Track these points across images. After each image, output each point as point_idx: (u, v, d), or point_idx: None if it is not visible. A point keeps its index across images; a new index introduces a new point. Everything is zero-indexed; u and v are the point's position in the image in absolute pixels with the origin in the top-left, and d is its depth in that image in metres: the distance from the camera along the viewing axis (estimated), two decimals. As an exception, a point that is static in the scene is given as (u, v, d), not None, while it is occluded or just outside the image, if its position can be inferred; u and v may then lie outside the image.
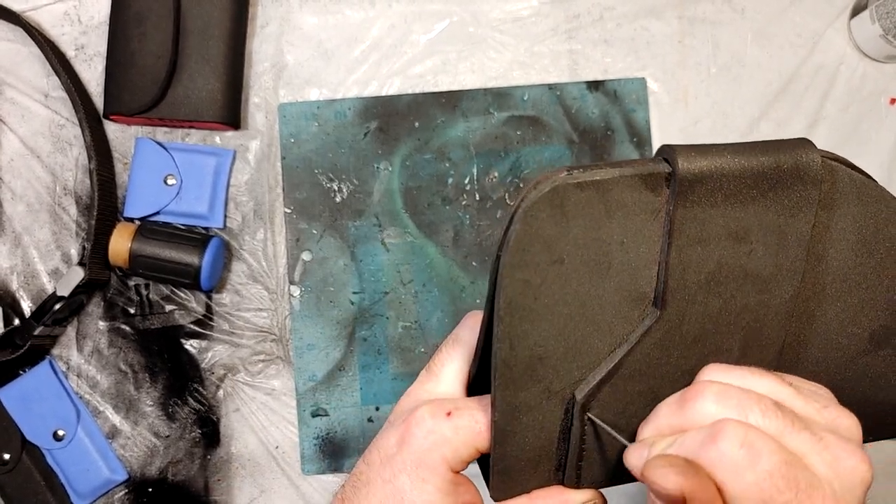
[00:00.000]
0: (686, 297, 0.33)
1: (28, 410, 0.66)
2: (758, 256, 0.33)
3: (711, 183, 0.31)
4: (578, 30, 0.70)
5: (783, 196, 0.32)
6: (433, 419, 0.37)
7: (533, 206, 0.31)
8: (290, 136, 0.69)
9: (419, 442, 0.36)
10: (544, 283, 0.32)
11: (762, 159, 0.32)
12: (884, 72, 0.70)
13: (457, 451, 0.36)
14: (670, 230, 0.32)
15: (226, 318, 0.68)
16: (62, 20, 0.69)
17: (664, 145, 0.32)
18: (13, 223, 0.68)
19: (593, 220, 0.32)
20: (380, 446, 0.38)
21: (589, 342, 0.34)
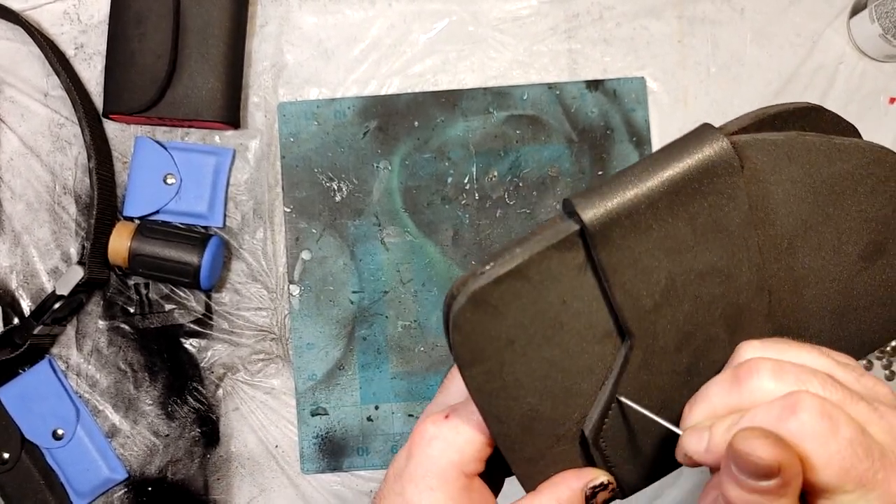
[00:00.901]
0: (650, 318, 0.33)
1: (27, 409, 0.66)
2: (705, 256, 0.32)
3: (626, 219, 0.31)
4: (578, 29, 0.70)
5: (706, 195, 0.31)
6: (434, 425, 0.37)
7: (459, 316, 0.31)
8: (290, 136, 0.69)
9: (424, 450, 0.36)
10: (505, 364, 0.33)
11: (668, 174, 0.30)
12: (883, 71, 0.70)
13: (462, 450, 0.36)
14: (605, 275, 0.32)
15: (225, 318, 0.68)
16: (62, 19, 0.69)
17: (565, 199, 0.31)
18: (13, 222, 0.68)
19: (525, 300, 0.32)
20: (394, 463, 0.38)
21: (575, 388, 0.34)
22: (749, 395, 0.31)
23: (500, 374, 0.33)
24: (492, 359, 0.32)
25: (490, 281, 0.31)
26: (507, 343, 0.32)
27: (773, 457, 0.28)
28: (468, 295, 0.31)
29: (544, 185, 0.69)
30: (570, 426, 0.35)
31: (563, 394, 0.34)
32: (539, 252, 0.31)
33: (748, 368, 0.32)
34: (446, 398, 0.39)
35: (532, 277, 0.31)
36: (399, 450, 0.39)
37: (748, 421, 0.30)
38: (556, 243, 0.31)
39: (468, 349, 0.32)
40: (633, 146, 0.69)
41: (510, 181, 0.69)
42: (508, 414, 0.34)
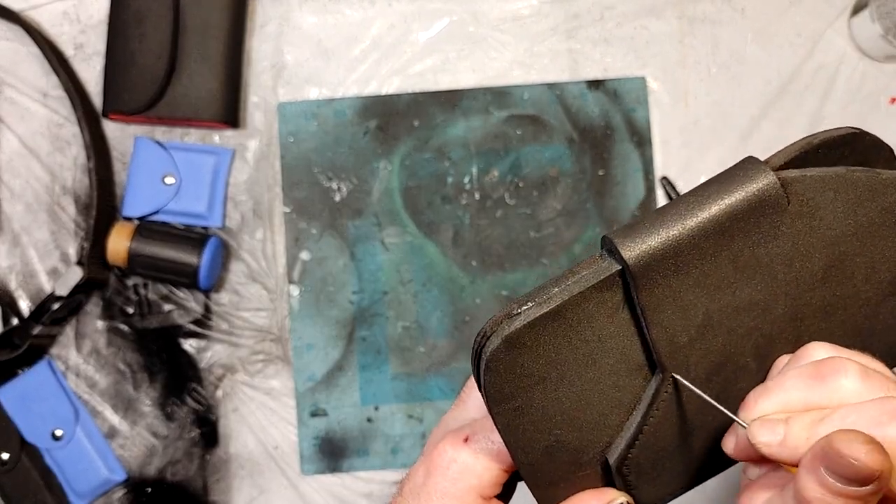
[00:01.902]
0: (683, 352, 0.32)
1: (27, 410, 0.65)
2: (744, 291, 0.31)
3: (669, 260, 0.30)
4: (578, 29, 0.70)
5: (751, 234, 0.30)
6: (453, 448, 0.37)
7: (492, 359, 0.31)
8: (290, 136, 0.68)
9: (443, 473, 0.36)
10: (534, 401, 0.32)
11: (713, 212, 0.29)
12: (884, 71, 0.70)
13: (481, 476, 0.36)
14: (643, 314, 0.31)
15: (224, 318, 0.68)
16: (61, 19, 0.69)
17: (605, 236, 0.30)
18: (12, 223, 0.68)
19: (560, 340, 0.31)
20: (410, 478, 0.38)
21: (601, 418, 0.34)
22: (834, 394, 0.30)
23: (529, 409, 0.33)
24: (522, 396, 0.32)
25: (525, 323, 0.30)
26: (538, 381, 0.32)
27: (877, 464, 0.27)
28: (502, 337, 0.30)
29: (545, 185, 0.69)
30: (594, 454, 0.35)
31: (590, 425, 0.34)
32: (578, 294, 0.30)
33: (834, 367, 0.31)
34: (464, 412, 0.39)
35: (569, 318, 0.30)
36: (416, 464, 0.39)
37: (839, 421, 0.29)
38: (596, 284, 0.30)
39: (498, 388, 0.32)
40: (633, 146, 0.69)
41: (510, 181, 0.69)
42: (533, 445, 0.34)
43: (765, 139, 0.69)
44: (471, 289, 0.68)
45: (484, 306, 0.68)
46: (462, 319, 0.68)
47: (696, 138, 0.69)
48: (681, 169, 0.69)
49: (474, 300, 0.68)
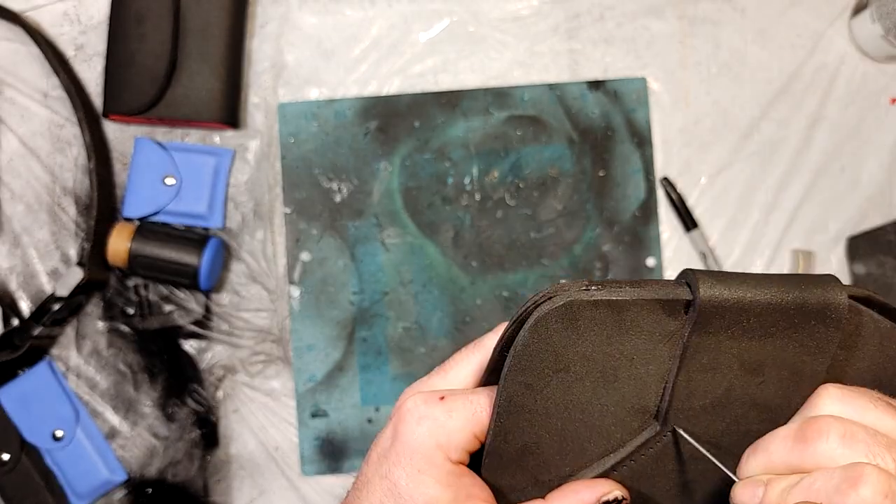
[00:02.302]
0: (689, 418, 0.33)
1: (27, 411, 0.65)
2: (769, 389, 0.33)
3: (732, 315, 0.31)
4: (579, 29, 0.70)
5: (803, 334, 0.32)
6: (425, 404, 0.34)
7: (545, 317, 0.31)
8: (290, 136, 0.68)
9: (411, 429, 0.34)
10: (547, 388, 0.32)
11: (787, 296, 0.31)
12: (884, 71, 0.70)
13: (451, 436, 0.34)
14: (682, 355, 0.32)
15: (225, 319, 0.68)
16: (61, 20, 0.69)
17: (687, 269, 0.32)
18: (12, 223, 0.68)
19: (604, 336, 0.32)
20: (377, 443, 0.36)
21: (583, 443, 0.34)
22: (812, 458, 0.30)
23: (538, 394, 0.33)
24: (541, 375, 0.32)
25: (591, 299, 0.31)
26: (563, 368, 0.32)
27: None
28: (567, 299, 0.31)
29: (545, 185, 0.69)
30: (553, 478, 0.35)
31: (571, 443, 0.34)
32: (646, 300, 0.31)
33: (817, 428, 0.30)
34: (442, 381, 0.37)
35: (625, 318, 0.31)
36: (383, 428, 0.36)
37: (806, 487, 0.29)
38: (665, 301, 0.31)
39: (528, 353, 0.32)
40: (634, 146, 0.69)
41: (511, 182, 0.68)
42: (516, 435, 0.34)
43: (765, 139, 0.69)
44: (471, 289, 0.68)
45: (484, 307, 0.68)
46: (462, 320, 0.68)
47: (696, 139, 0.69)
48: (681, 169, 0.69)
49: (475, 301, 0.68)
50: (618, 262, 0.68)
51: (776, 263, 0.69)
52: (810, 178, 0.69)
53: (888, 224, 0.69)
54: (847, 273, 0.69)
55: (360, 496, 0.35)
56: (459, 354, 0.38)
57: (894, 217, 0.69)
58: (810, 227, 0.69)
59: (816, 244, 0.69)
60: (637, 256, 0.68)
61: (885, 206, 0.69)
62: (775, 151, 0.69)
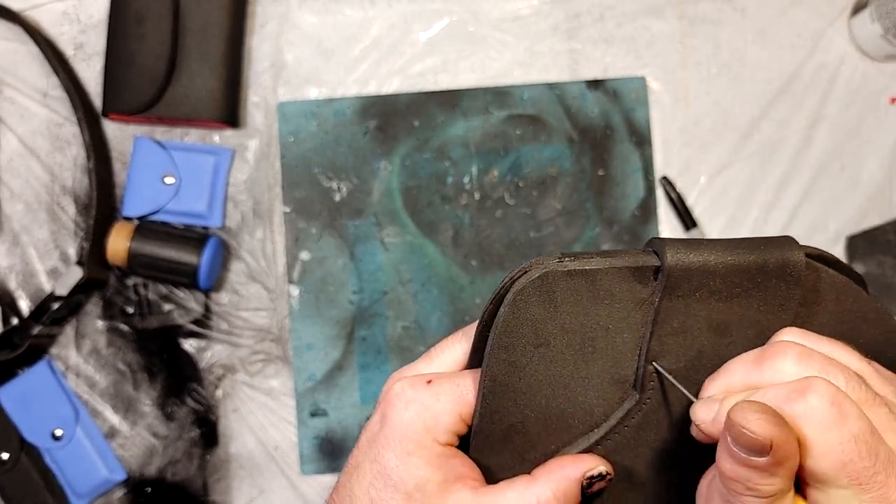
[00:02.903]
0: (665, 382, 0.34)
1: (26, 410, 0.65)
2: (736, 348, 0.34)
3: (698, 278, 0.33)
4: (579, 29, 0.70)
5: (766, 293, 0.33)
6: (412, 389, 0.35)
7: (522, 290, 0.32)
8: (290, 135, 0.68)
9: (399, 413, 0.35)
10: (529, 364, 0.33)
11: (749, 257, 0.33)
12: (884, 71, 0.70)
13: (438, 418, 0.35)
14: (654, 320, 0.33)
15: (224, 318, 0.68)
16: (61, 19, 0.69)
17: (654, 238, 0.33)
18: (11, 222, 0.68)
19: (580, 307, 0.33)
20: (366, 428, 0.37)
21: (568, 420, 0.35)
22: (769, 376, 0.31)
23: (521, 372, 0.34)
24: (523, 351, 0.33)
25: (565, 269, 0.32)
26: (543, 343, 0.33)
27: (765, 432, 0.27)
28: (542, 271, 0.32)
29: (545, 184, 0.69)
30: (539, 455, 0.35)
31: (555, 420, 0.35)
32: (616, 268, 0.33)
33: (775, 349, 0.32)
34: (428, 367, 0.37)
35: (599, 288, 0.33)
36: (372, 415, 0.37)
37: (758, 397, 0.30)
38: (634, 268, 0.33)
39: (509, 330, 0.33)
40: (633, 146, 0.69)
41: (510, 181, 0.68)
42: (501, 415, 0.34)
43: (765, 139, 0.69)
44: (470, 289, 0.68)
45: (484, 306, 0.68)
46: (462, 319, 0.68)
47: (696, 138, 0.69)
48: (681, 169, 0.69)
49: (474, 300, 0.68)
50: (617, 262, 0.68)
51: (776, 263, 0.69)
52: (810, 177, 0.69)
53: (888, 223, 0.69)
54: (847, 273, 0.69)
55: (351, 480, 0.36)
56: (445, 342, 0.38)
57: (894, 217, 0.69)
58: (810, 227, 0.69)
59: (816, 244, 0.69)
60: (637, 256, 0.68)
61: (885, 205, 0.69)
62: (775, 151, 0.69)
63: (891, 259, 0.68)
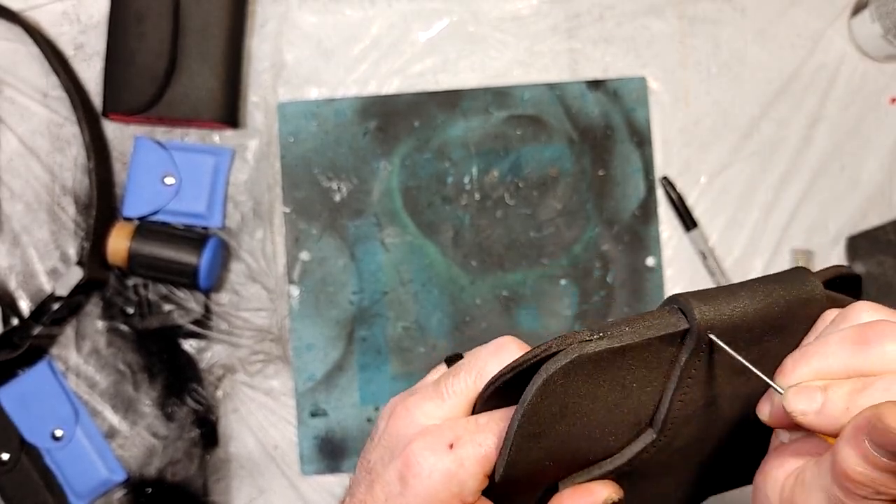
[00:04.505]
0: (683, 422, 0.34)
1: (26, 410, 0.65)
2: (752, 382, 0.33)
3: (725, 334, 0.31)
4: (579, 29, 0.70)
5: (792, 330, 0.32)
6: (434, 455, 0.34)
7: (551, 377, 0.31)
8: (290, 136, 0.68)
9: (424, 483, 0.34)
10: (552, 432, 0.33)
11: (774, 307, 0.32)
12: (884, 71, 0.70)
13: (464, 483, 0.34)
14: (682, 376, 0.32)
15: (224, 318, 0.68)
16: (61, 19, 0.69)
17: (676, 296, 0.32)
18: (12, 223, 0.68)
19: (609, 377, 0.32)
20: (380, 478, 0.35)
21: (586, 456, 0.35)
22: (878, 361, 0.29)
23: (545, 437, 0.33)
24: (548, 424, 0.33)
25: (594, 353, 0.31)
26: (567, 414, 0.33)
27: None
28: (572, 357, 0.31)
29: (545, 185, 0.69)
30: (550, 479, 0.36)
31: (575, 460, 0.35)
32: (646, 339, 0.31)
33: (880, 330, 0.29)
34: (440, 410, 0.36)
35: (627, 356, 0.32)
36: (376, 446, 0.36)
37: (882, 391, 0.28)
38: (663, 336, 0.32)
39: (537, 411, 0.32)
40: (634, 146, 0.69)
41: (511, 181, 0.68)
42: (523, 466, 0.34)
43: (765, 139, 0.69)
44: (471, 289, 0.68)
45: (484, 306, 0.68)
46: (462, 320, 0.68)
47: (696, 138, 0.69)
48: (681, 169, 0.69)
49: (474, 300, 0.68)
50: (617, 262, 0.68)
51: (776, 263, 0.69)
52: (810, 177, 0.69)
53: (888, 224, 0.69)
54: (847, 273, 0.69)
55: None
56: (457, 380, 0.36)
57: (894, 217, 0.69)
58: (810, 227, 0.69)
59: (816, 244, 0.69)
60: (637, 256, 0.68)
61: (885, 205, 0.69)
62: (775, 151, 0.69)
63: (891, 259, 0.68)
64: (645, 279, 0.68)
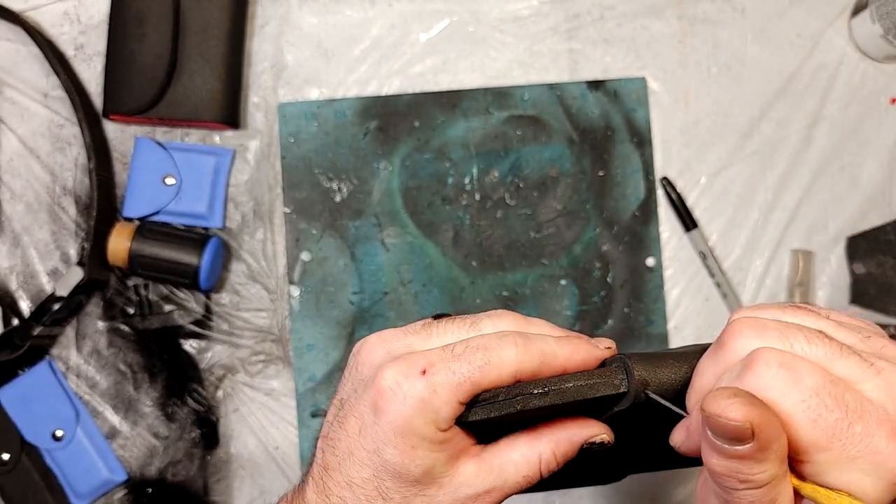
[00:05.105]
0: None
1: (27, 411, 0.65)
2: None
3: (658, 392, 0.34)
4: (578, 29, 0.70)
5: None
6: (407, 381, 0.33)
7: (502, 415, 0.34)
8: (290, 136, 0.68)
9: (397, 409, 0.33)
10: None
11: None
12: (884, 71, 0.70)
13: (439, 411, 0.34)
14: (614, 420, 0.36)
15: (225, 319, 0.68)
16: (61, 20, 0.69)
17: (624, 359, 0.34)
18: (12, 223, 0.68)
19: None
20: (353, 409, 0.35)
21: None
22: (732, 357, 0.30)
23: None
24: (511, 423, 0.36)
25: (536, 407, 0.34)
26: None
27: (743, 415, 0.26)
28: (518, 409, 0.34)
29: (545, 185, 0.69)
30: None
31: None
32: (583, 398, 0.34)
33: (730, 330, 0.30)
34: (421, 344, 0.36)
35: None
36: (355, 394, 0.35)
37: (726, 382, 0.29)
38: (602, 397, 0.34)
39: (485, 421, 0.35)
40: (634, 146, 0.69)
41: (511, 181, 0.69)
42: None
43: (764, 139, 0.69)
44: (471, 289, 0.68)
45: (484, 307, 0.68)
46: (462, 320, 0.68)
47: (696, 138, 0.69)
48: (681, 169, 0.69)
49: (474, 300, 0.68)
50: (617, 262, 0.68)
51: (776, 263, 0.69)
52: (810, 177, 0.69)
53: (888, 224, 0.69)
54: (847, 273, 0.69)
55: (346, 465, 0.35)
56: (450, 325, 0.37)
57: (894, 217, 0.69)
58: (810, 227, 0.69)
59: (816, 244, 0.69)
60: (637, 256, 0.68)
61: (885, 205, 0.69)
62: (775, 151, 0.69)
63: (891, 259, 0.69)
64: (645, 279, 0.68)
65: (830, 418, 0.27)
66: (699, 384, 0.32)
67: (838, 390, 0.28)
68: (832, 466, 0.28)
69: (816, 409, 0.27)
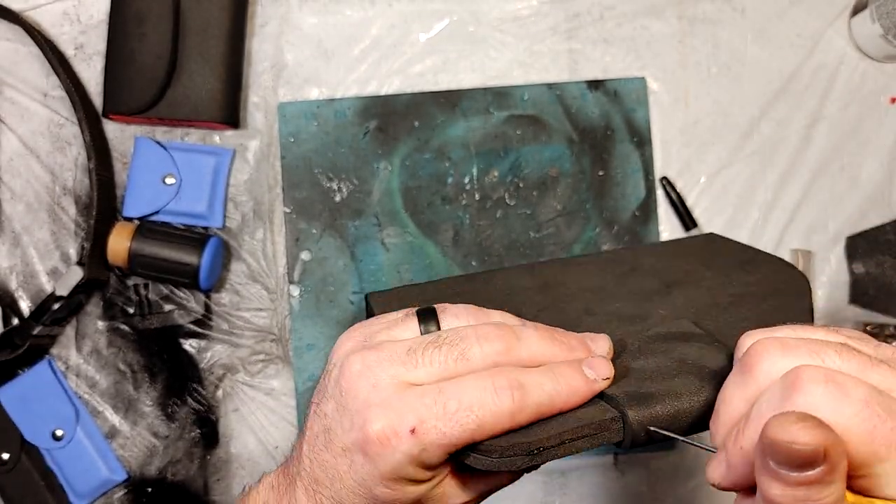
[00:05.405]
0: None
1: (27, 410, 0.65)
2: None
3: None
4: (578, 29, 0.70)
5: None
6: (396, 437, 0.33)
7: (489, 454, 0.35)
8: (290, 136, 0.68)
9: (386, 461, 0.34)
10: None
11: None
12: (884, 71, 0.70)
13: (428, 460, 0.34)
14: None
15: (225, 318, 0.68)
16: (61, 19, 0.69)
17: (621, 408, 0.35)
18: (12, 223, 0.68)
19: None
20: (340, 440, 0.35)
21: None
22: (763, 381, 0.29)
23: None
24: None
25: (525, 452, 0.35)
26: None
27: (816, 440, 0.25)
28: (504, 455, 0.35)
29: (545, 185, 0.69)
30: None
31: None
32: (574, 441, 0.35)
33: (755, 352, 0.30)
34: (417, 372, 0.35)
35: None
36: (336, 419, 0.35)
37: (755, 414, 0.28)
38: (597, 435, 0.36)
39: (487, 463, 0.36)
40: (633, 146, 0.69)
41: (510, 181, 0.69)
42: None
43: (764, 139, 0.70)
44: (471, 289, 0.68)
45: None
46: (462, 319, 0.68)
47: (696, 138, 0.70)
48: (681, 169, 0.69)
49: (474, 300, 0.68)
50: (617, 262, 0.68)
51: (775, 263, 0.69)
52: (810, 177, 0.69)
53: (887, 223, 0.69)
54: (846, 272, 0.69)
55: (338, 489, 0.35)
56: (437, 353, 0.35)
57: (893, 217, 0.69)
58: (810, 227, 0.69)
59: (816, 244, 0.69)
60: (637, 256, 0.68)
61: (885, 205, 0.69)
62: (775, 151, 0.70)
63: (890, 259, 0.69)
64: (645, 279, 0.68)
65: (884, 428, 0.27)
66: (728, 415, 0.31)
67: (885, 400, 0.27)
68: (891, 473, 0.27)
69: (871, 421, 0.27)
